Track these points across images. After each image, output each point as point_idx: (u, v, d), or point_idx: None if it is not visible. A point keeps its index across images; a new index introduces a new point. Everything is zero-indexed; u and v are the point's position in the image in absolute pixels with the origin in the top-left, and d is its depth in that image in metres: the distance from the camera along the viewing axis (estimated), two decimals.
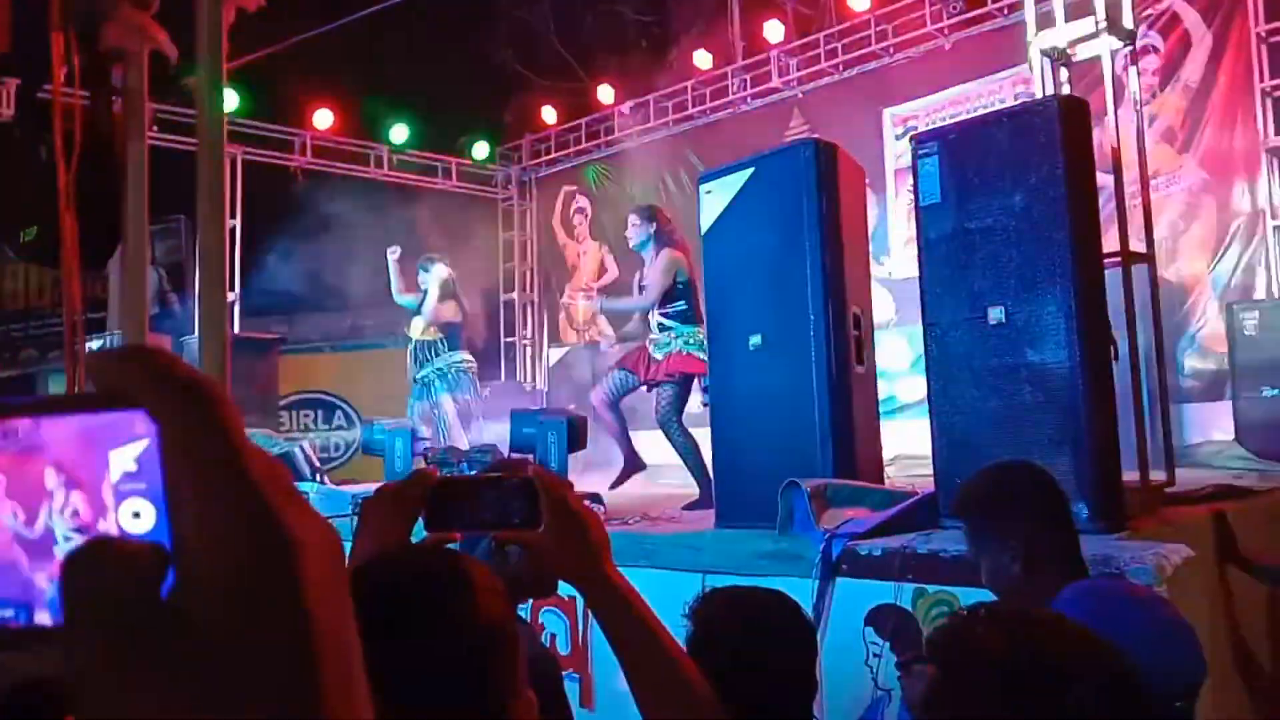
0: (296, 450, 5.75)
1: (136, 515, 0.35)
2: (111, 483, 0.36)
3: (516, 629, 1.01)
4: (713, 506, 4.86)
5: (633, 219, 5.55)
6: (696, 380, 5.22)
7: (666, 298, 5.32)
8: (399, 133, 10.47)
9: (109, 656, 0.32)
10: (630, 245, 5.62)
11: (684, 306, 5.28)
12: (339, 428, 9.41)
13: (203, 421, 0.34)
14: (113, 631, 0.32)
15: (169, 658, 0.32)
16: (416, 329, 7.05)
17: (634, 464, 5.60)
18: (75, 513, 0.36)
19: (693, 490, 5.13)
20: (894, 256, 8.45)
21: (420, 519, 1.06)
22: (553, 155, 11.23)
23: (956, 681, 1.14)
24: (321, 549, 0.34)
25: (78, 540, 0.35)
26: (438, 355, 6.95)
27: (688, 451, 5.13)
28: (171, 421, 0.34)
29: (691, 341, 5.21)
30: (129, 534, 0.35)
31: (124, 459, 0.35)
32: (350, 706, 0.34)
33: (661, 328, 5.35)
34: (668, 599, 1.96)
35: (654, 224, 5.44)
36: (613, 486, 5.51)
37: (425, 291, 7.03)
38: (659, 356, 5.29)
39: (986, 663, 1.11)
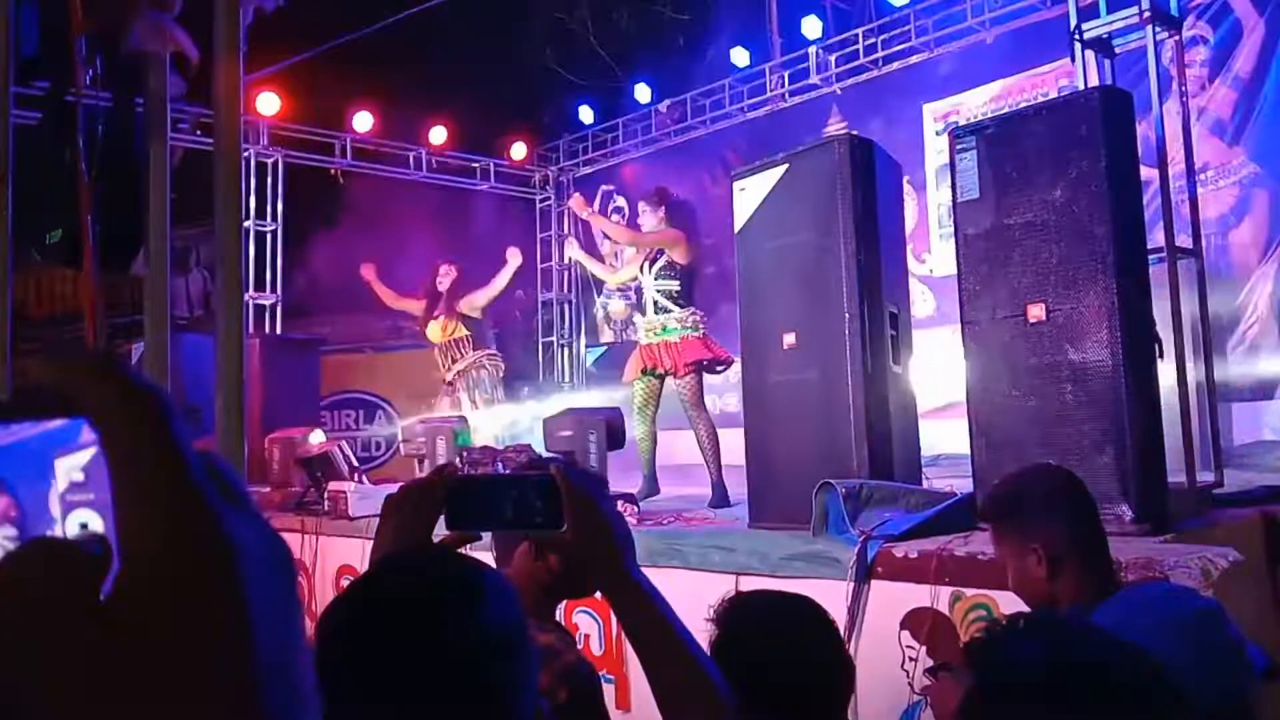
0: (335, 450, 5.79)
1: (84, 526, 0.35)
2: (59, 492, 0.35)
3: (530, 636, 1.00)
4: (726, 500, 4.93)
5: (643, 205, 5.62)
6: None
7: (664, 273, 5.38)
8: (438, 134, 10.54)
9: (39, 658, 0.32)
10: (643, 229, 5.65)
11: (680, 288, 5.36)
12: (379, 427, 9.50)
13: (144, 426, 0.34)
14: (44, 633, 0.32)
15: (104, 662, 0.31)
16: (434, 333, 7.02)
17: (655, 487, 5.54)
18: (12, 521, 0.36)
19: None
20: (935, 253, 8.33)
21: (441, 517, 1.05)
22: (590, 155, 11.23)
23: (993, 694, 1.11)
24: (264, 553, 0.35)
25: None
26: (461, 355, 6.98)
27: (712, 440, 5.21)
28: (112, 426, 0.33)
29: (688, 324, 5.30)
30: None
31: (70, 468, 0.35)
32: (293, 715, 0.34)
33: (658, 306, 5.41)
34: (700, 600, 1.94)
35: (663, 206, 5.51)
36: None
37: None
38: (673, 341, 5.32)
39: (1025, 675, 1.08)
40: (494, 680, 0.93)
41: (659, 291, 5.43)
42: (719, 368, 5.40)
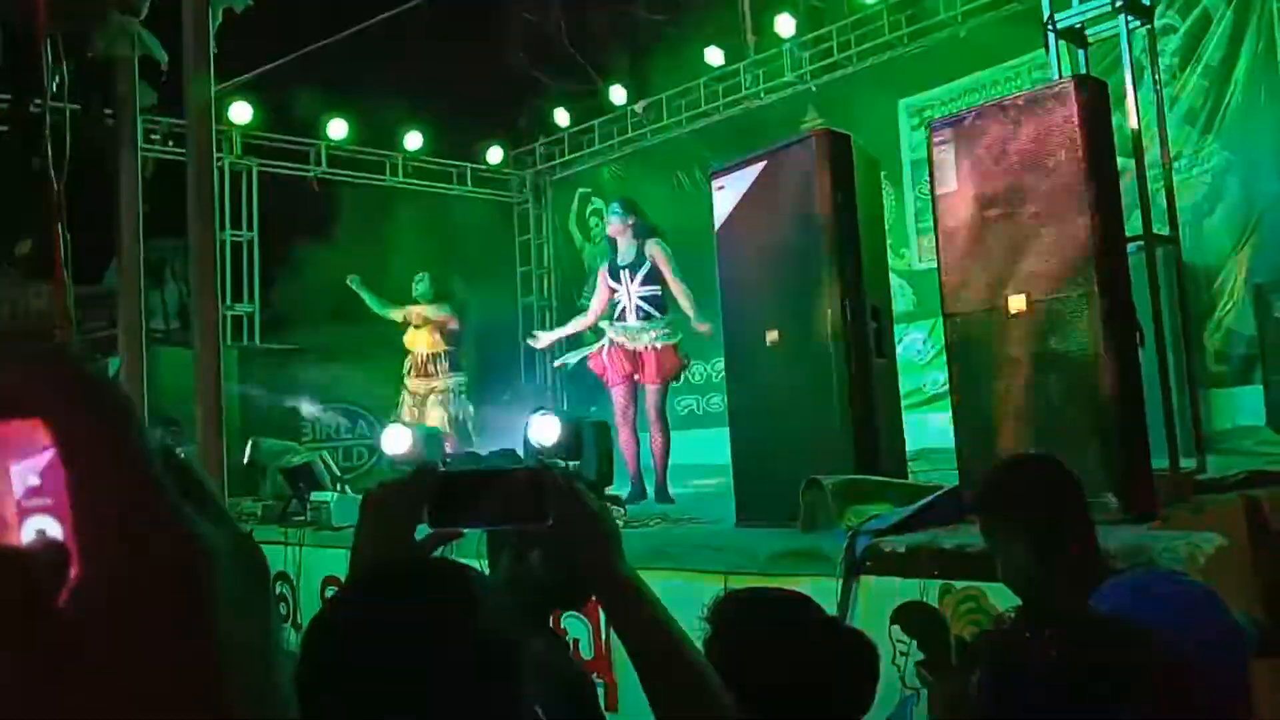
0: (316, 459, 5.74)
1: (41, 533, 0.32)
2: (15, 499, 0.32)
3: (521, 647, 0.97)
4: (642, 498, 5.05)
5: (618, 210, 5.61)
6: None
7: (647, 281, 5.43)
8: (413, 140, 10.48)
9: None
10: (610, 232, 5.67)
11: (659, 292, 5.42)
12: (361, 436, 9.42)
13: (103, 425, 0.32)
14: None
15: (60, 671, 0.29)
16: (415, 341, 7.03)
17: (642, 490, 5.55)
18: None
19: (706, 486, 5.26)
20: (912, 248, 8.36)
21: (424, 515, 1.02)
22: (567, 157, 11.21)
23: (1006, 690, 1.10)
24: (236, 560, 0.33)
25: None
26: (440, 373, 7.00)
27: (666, 449, 5.32)
28: (70, 426, 0.31)
29: (664, 334, 5.39)
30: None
31: (26, 473, 0.32)
32: None
33: (640, 312, 5.46)
34: (689, 601, 1.92)
35: (632, 215, 5.57)
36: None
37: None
38: (634, 347, 5.39)
39: (1038, 670, 1.07)
40: (489, 692, 0.91)
41: (641, 299, 5.46)
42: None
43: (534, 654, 1.45)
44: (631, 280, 5.47)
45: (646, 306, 5.43)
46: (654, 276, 5.41)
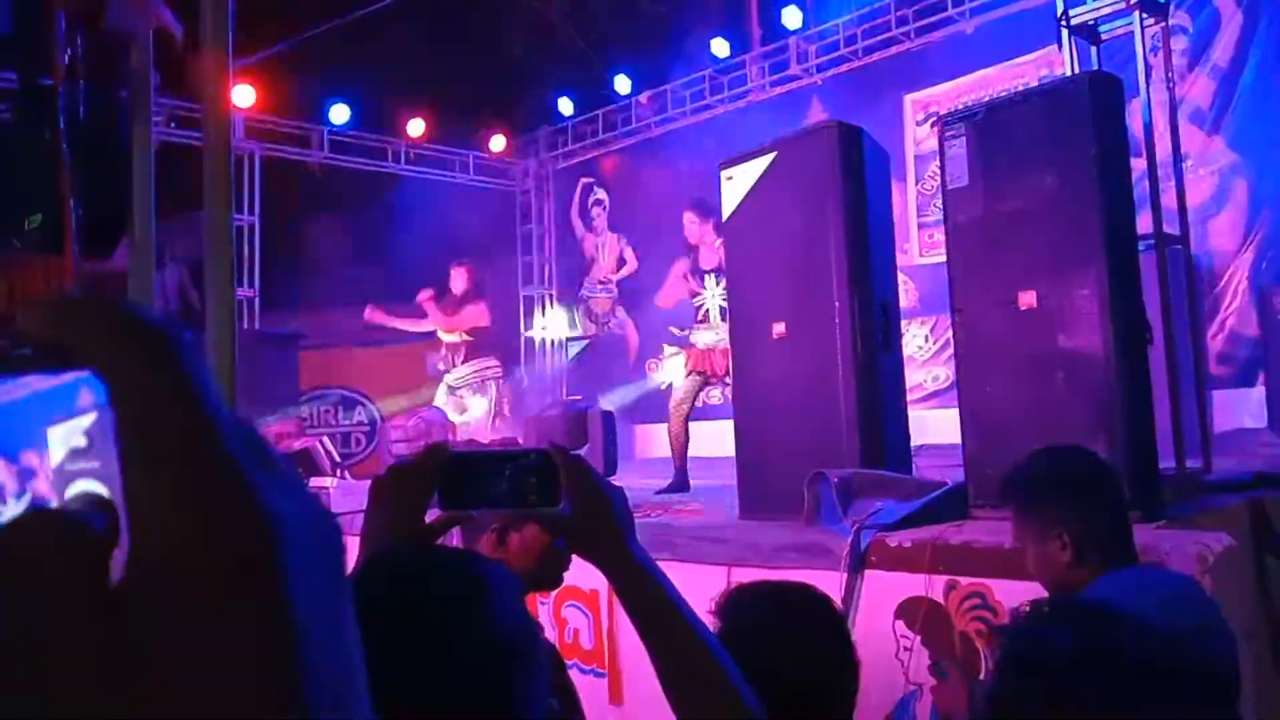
0: (316, 445, 5.72)
1: (85, 495, 0.29)
2: (53, 464, 0.29)
3: (538, 633, 0.95)
4: (686, 489, 4.99)
5: (689, 215, 5.70)
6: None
7: (719, 281, 5.49)
8: (415, 126, 10.44)
9: (37, 650, 0.26)
10: (690, 239, 5.72)
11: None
12: (359, 422, 9.41)
13: (162, 375, 0.27)
14: (44, 620, 0.26)
15: (113, 654, 0.26)
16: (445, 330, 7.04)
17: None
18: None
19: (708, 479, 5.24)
20: (914, 243, 8.34)
21: (434, 497, 1.00)
22: (570, 147, 11.17)
23: (1023, 682, 1.09)
24: (309, 531, 0.29)
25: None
26: (464, 361, 7.00)
27: (685, 441, 5.40)
28: (123, 377, 0.27)
29: (724, 333, 5.36)
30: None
31: (69, 434, 0.29)
32: (345, 718, 0.28)
33: (724, 313, 5.46)
34: (693, 592, 1.90)
35: (712, 216, 5.54)
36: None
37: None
38: (704, 345, 5.53)
39: (1056, 662, 1.05)
40: (505, 682, 0.89)
41: (723, 302, 5.50)
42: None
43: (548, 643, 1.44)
44: (717, 284, 5.56)
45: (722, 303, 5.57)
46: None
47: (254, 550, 0.27)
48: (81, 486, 0.29)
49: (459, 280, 7.19)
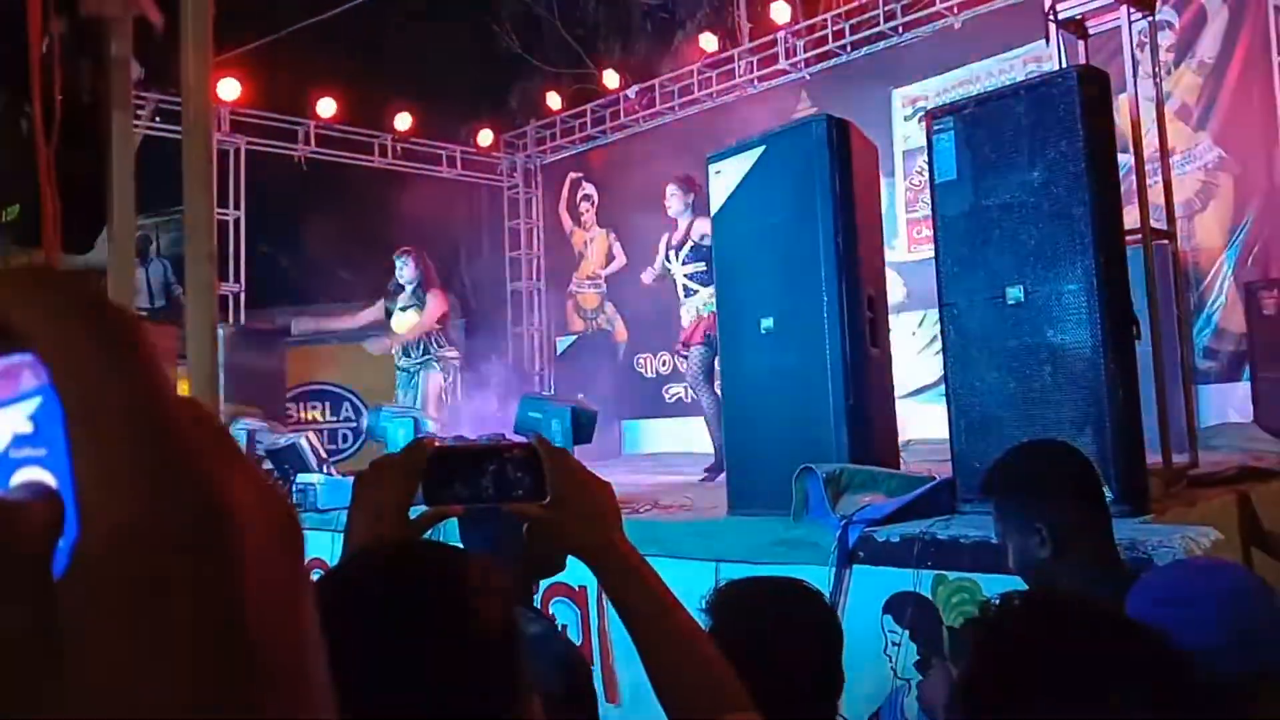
0: (302, 441, 5.68)
1: (29, 485, 0.27)
2: None
3: (519, 633, 0.94)
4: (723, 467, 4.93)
5: (672, 189, 5.87)
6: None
7: (690, 257, 5.67)
8: (402, 120, 10.39)
9: None
10: (669, 212, 5.88)
11: (705, 268, 5.55)
12: (346, 419, 9.36)
13: (108, 356, 0.26)
14: None
15: (51, 646, 0.25)
16: (400, 325, 6.74)
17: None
18: None
19: (691, 477, 5.29)
20: (902, 238, 8.35)
21: (418, 493, 0.99)
22: (558, 142, 11.13)
23: (991, 675, 1.08)
24: (263, 518, 0.27)
25: None
26: (422, 351, 6.81)
27: (715, 414, 5.33)
28: (62, 355, 0.26)
29: (712, 302, 5.43)
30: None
31: (13, 419, 0.27)
32: (301, 710, 0.27)
33: (687, 290, 5.70)
34: (681, 588, 1.89)
35: (692, 194, 5.77)
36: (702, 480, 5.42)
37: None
38: (686, 323, 5.67)
39: (1024, 655, 1.05)
40: (486, 677, 0.87)
41: (687, 276, 5.69)
42: None
43: (532, 636, 1.42)
44: (676, 259, 5.82)
45: (692, 283, 5.73)
46: (698, 252, 5.64)
47: (203, 536, 0.26)
48: (26, 475, 0.27)
49: (406, 269, 6.66)
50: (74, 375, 0.26)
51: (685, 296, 5.72)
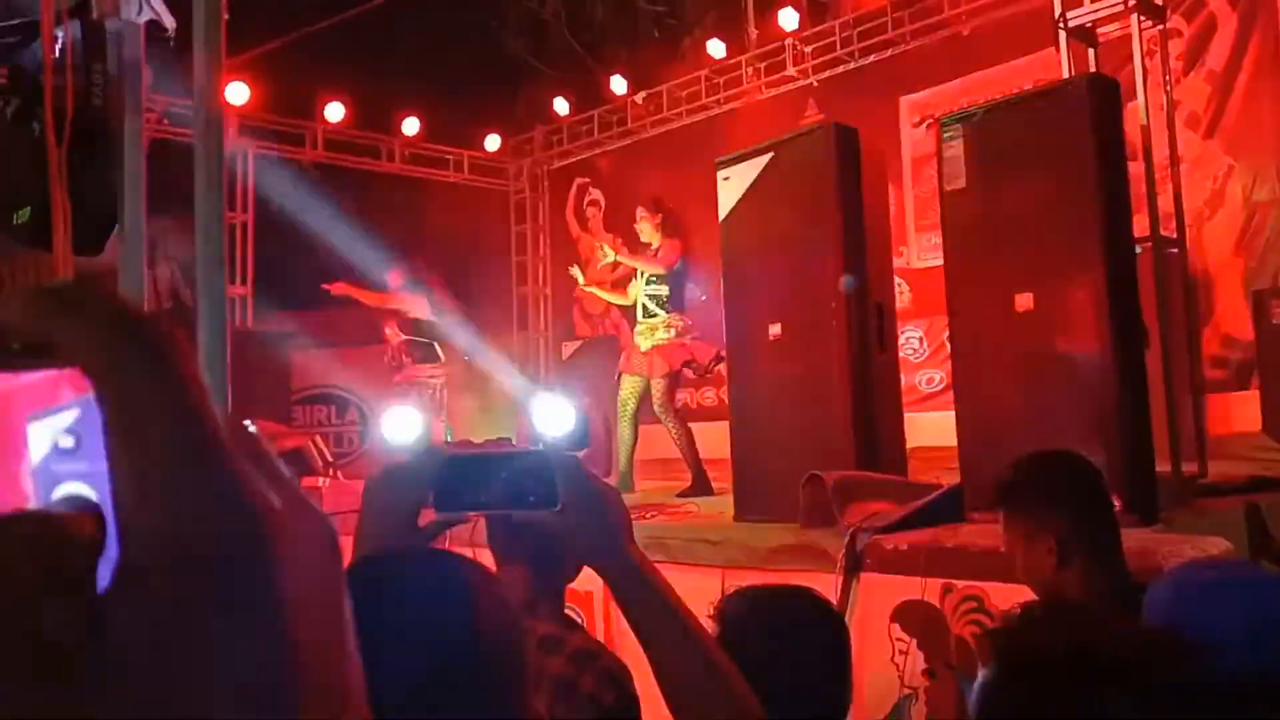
0: (309, 444, 5.69)
1: (72, 498, 0.27)
2: (33, 464, 0.28)
3: (521, 641, 0.93)
4: (707, 493, 4.99)
5: (641, 212, 5.79)
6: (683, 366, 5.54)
7: (653, 280, 5.62)
8: (410, 125, 10.40)
9: (16, 658, 0.25)
10: (641, 237, 5.81)
11: (668, 292, 5.56)
12: (352, 422, 9.36)
13: (149, 372, 0.26)
14: (18, 634, 0.25)
15: (99, 668, 0.25)
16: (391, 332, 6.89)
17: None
18: None
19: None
20: (911, 246, 8.34)
21: (429, 499, 0.98)
22: (565, 147, 11.13)
23: (1013, 684, 1.07)
24: (303, 530, 0.28)
25: None
26: (407, 362, 6.89)
27: (685, 440, 5.34)
28: (110, 372, 0.26)
29: (671, 329, 5.50)
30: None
31: (51, 432, 0.27)
32: (342, 716, 0.28)
33: (645, 311, 5.63)
34: (687, 595, 1.89)
35: (660, 214, 5.72)
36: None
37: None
38: (645, 348, 5.56)
39: (1046, 665, 1.04)
40: (484, 687, 0.87)
41: (648, 297, 5.63)
42: (710, 370, 5.49)
43: (576, 646, 1.41)
44: (640, 277, 5.73)
45: (652, 305, 5.66)
46: (660, 276, 5.60)
47: (246, 545, 0.26)
48: (69, 489, 0.27)
49: (395, 281, 6.95)
50: (116, 390, 0.26)
51: (642, 317, 5.64)
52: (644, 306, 5.64)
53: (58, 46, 1.45)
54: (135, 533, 0.26)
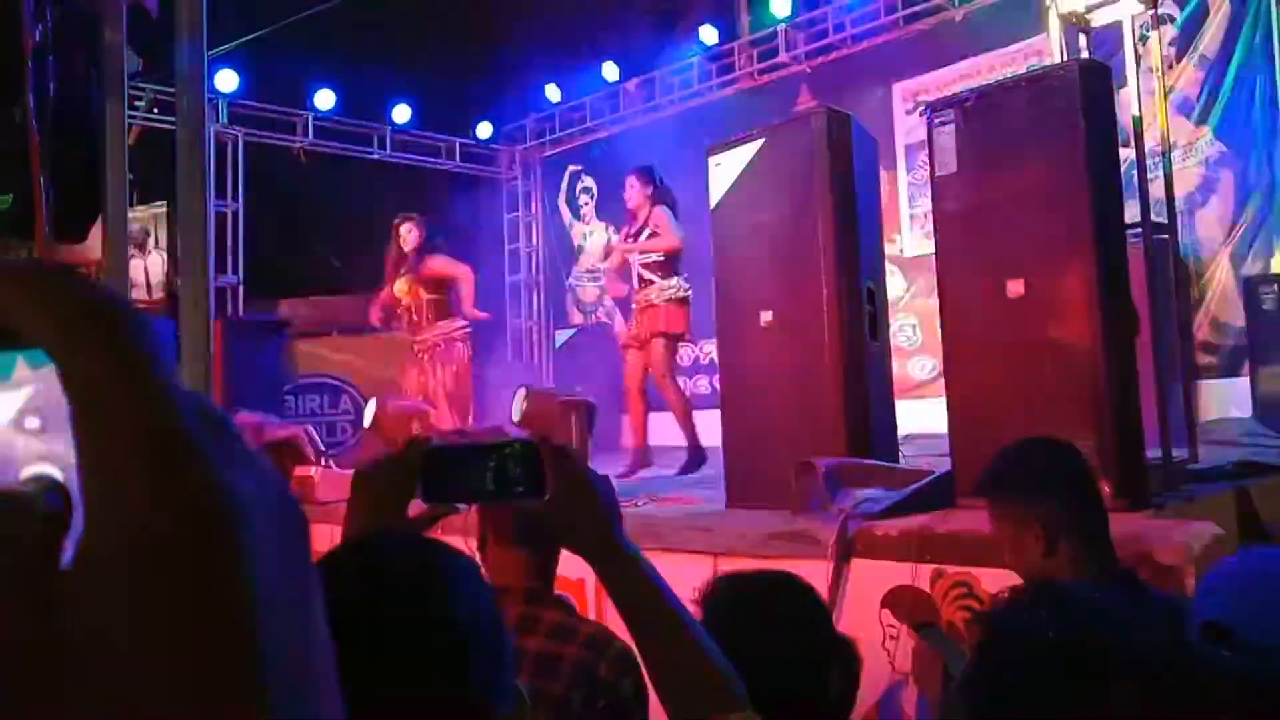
0: (301, 433, 5.68)
1: (38, 478, 0.27)
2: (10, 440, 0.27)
3: (499, 628, 0.92)
4: (702, 464, 5.04)
5: (632, 179, 5.73)
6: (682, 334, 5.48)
7: (650, 249, 5.55)
8: (401, 112, 10.36)
9: None
10: (629, 204, 5.76)
11: (661, 258, 5.49)
12: (345, 411, 9.34)
13: (114, 355, 0.26)
14: None
15: (67, 652, 0.24)
16: (400, 289, 6.46)
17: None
18: None
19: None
20: (904, 234, 8.34)
21: (416, 490, 0.98)
22: (557, 134, 11.10)
23: (999, 662, 1.08)
24: (271, 512, 0.28)
25: None
26: (427, 323, 6.45)
27: (685, 409, 5.33)
28: (76, 356, 0.26)
29: (668, 292, 5.41)
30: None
31: (23, 415, 0.27)
32: (310, 708, 0.27)
33: (642, 280, 5.58)
34: (678, 582, 1.89)
35: (651, 186, 5.66)
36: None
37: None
38: (649, 307, 5.49)
39: (1035, 648, 1.04)
40: (463, 671, 0.86)
41: (642, 265, 5.58)
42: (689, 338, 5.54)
43: (590, 633, 1.41)
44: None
45: (646, 272, 5.60)
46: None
47: (215, 530, 0.26)
48: (35, 470, 0.27)
49: (410, 237, 6.49)
50: (81, 375, 0.26)
51: (639, 286, 5.61)
52: (639, 276, 5.62)
53: (38, 30, 1.44)
54: (98, 516, 0.25)
